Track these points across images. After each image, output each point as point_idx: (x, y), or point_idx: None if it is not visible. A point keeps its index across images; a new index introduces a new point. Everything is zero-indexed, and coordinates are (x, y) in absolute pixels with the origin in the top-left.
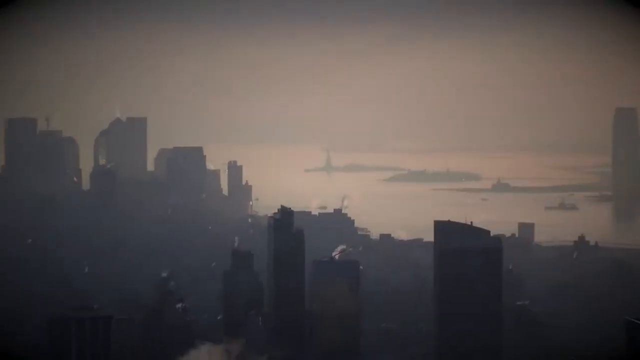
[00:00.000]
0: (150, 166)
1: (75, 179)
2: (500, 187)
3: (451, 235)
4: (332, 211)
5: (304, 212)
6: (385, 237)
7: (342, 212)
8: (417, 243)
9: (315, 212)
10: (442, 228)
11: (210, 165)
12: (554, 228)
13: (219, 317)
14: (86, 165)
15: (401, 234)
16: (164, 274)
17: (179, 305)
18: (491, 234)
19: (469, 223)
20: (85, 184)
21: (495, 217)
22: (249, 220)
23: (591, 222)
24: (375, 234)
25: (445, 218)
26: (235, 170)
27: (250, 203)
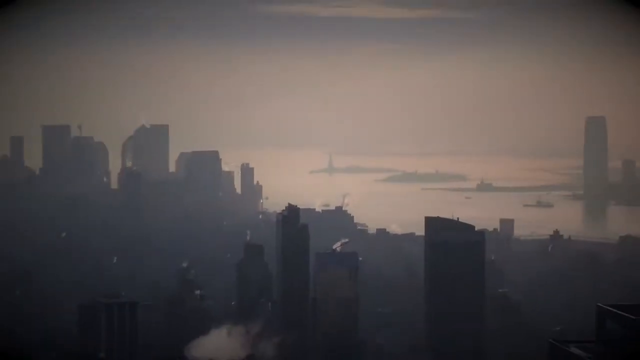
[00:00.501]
0: (172, 168)
1: (104, 179)
2: (484, 187)
3: (440, 229)
4: (333, 208)
5: (309, 209)
6: (381, 232)
7: (343, 209)
8: (409, 237)
9: (318, 209)
10: (432, 223)
11: (225, 167)
12: (532, 224)
13: (232, 303)
14: (114, 167)
15: (395, 229)
16: (184, 265)
17: (198, 292)
18: (475, 229)
19: (456, 219)
20: (114, 184)
21: (479, 213)
22: (260, 216)
23: (565, 219)
24: (372, 229)
25: (434, 214)
26: (247, 171)
27: (261, 201)
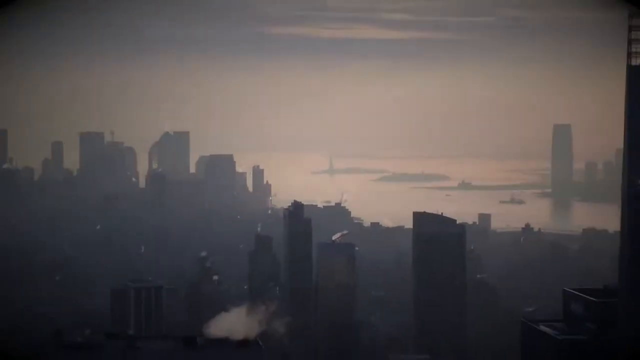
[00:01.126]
0: (192, 169)
1: (133, 179)
2: (464, 186)
3: (426, 223)
4: (333, 205)
5: (312, 205)
6: (375, 225)
7: (341, 205)
8: (399, 229)
9: (320, 205)
10: (419, 218)
11: (239, 169)
12: (506, 218)
13: (245, 287)
14: (142, 169)
15: (387, 222)
16: (203, 254)
17: (215, 277)
18: (457, 222)
19: (440, 214)
20: (141, 184)
21: (460, 209)
22: (269, 211)
23: (535, 213)
24: (367, 222)
25: (421, 210)
26: (258, 172)
27: (270, 198)
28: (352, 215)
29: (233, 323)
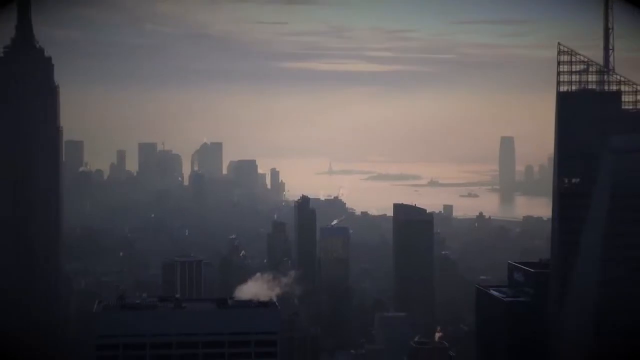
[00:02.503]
0: (224, 171)
1: (179, 179)
2: (433, 183)
3: (403, 212)
4: (332, 198)
5: (315, 198)
6: (364, 214)
7: (338, 198)
8: (383, 217)
9: (322, 198)
10: (398, 208)
11: (260, 171)
12: (464, 208)
13: (265, 261)
14: (186, 171)
15: (374, 211)
16: (232, 236)
17: (241, 253)
18: (427, 211)
19: (414, 205)
20: (185, 182)
21: (429, 201)
22: (283, 203)
23: (486, 205)
24: (358, 212)
25: (399, 202)
26: (274, 173)
27: (284, 193)
28: (346, 206)
29: (255, 289)
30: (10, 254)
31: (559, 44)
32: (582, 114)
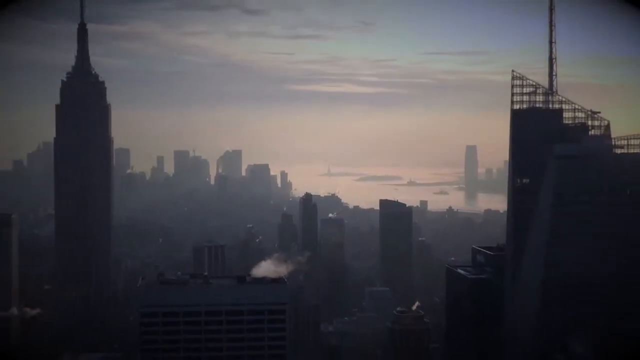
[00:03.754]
0: (243, 173)
1: (207, 179)
2: (411, 183)
3: (387, 206)
4: (330, 195)
5: (317, 195)
6: (356, 207)
7: (336, 195)
8: (371, 210)
9: (322, 195)
10: (383, 203)
11: (272, 173)
12: (436, 203)
13: (276, 245)
14: (212, 173)
15: (364, 205)
16: (249, 225)
17: (257, 239)
18: (406, 206)
19: (396, 200)
20: (212, 182)
21: (408, 197)
22: (290, 199)
23: (454, 200)
24: (351, 206)
25: (384, 198)
26: (284, 175)
27: (291, 191)
28: (342, 201)
29: (269, 268)
30: (72, 239)
31: (512, 71)
32: (531, 127)
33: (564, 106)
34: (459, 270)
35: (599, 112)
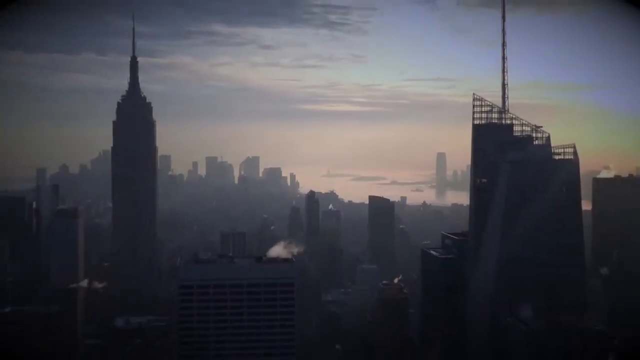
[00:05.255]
0: (261, 175)
1: (232, 180)
2: (393, 182)
3: (374, 201)
4: (330, 192)
5: (319, 192)
6: (350, 202)
7: (334, 192)
8: (362, 204)
9: (323, 192)
10: (371, 198)
11: (283, 174)
12: (414, 198)
13: (286, 233)
14: (236, 174)
15: (356, 200)
16: (265, 216)
17: (271, 227)
18: (390, 200)
19: (382, 196)
20: (236, 182)
21: (391, 194)
22: (298, 195)
23: (428, 196)
24: (346, 200)
25: (372, 194)
26: (292, 176)
27: (298, 189)
28: (339, 197)
29: (280, 250)
30: (125, 227)
31: (473, 94)
32: (488, 138)
33: (514, 122)
34: (431, 252)
35: (542, 127)
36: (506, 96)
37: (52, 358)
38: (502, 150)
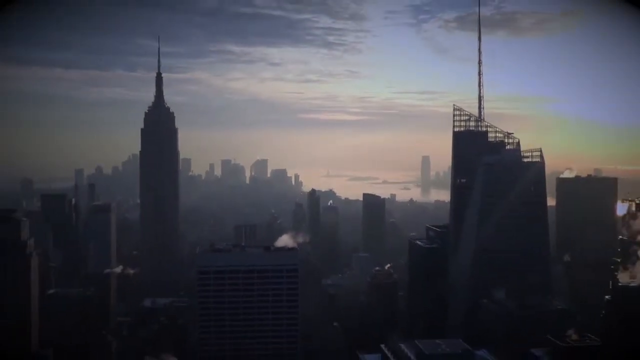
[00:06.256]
0: (269, 175)
1: (244, 180)
2: (385, 182)
3: (368, 198)
4: (329, 190)
5: (319, 190)
6: (347, 199)
7: (332, 190)
8: (357, 200)
9: (323, 190)
10: (365, 195)
11: (288, 175)
12: (402, 195)
13: (291, 225)
14: (247, 175)
15: (352, 197)
16: (273, 211)
17: (278, 221)
18: (381, 197)
19: (375, 194)
20: (247, 182)
21: (382, 192)
22: (301, 193)
23: (414, 194)
24: (343, 197)
25: (366, 192)
26: (297, 176)
27: (302, 187)
28: (337, 194)
29: (286, 240)
30: (152, 221)
31: (453, 105)
32: (466, 144)
33: (488, 129)
34: (417, 242)
35: (513, 133)
36: (482, 107)
37: (89, 333)
38: (478, 154)
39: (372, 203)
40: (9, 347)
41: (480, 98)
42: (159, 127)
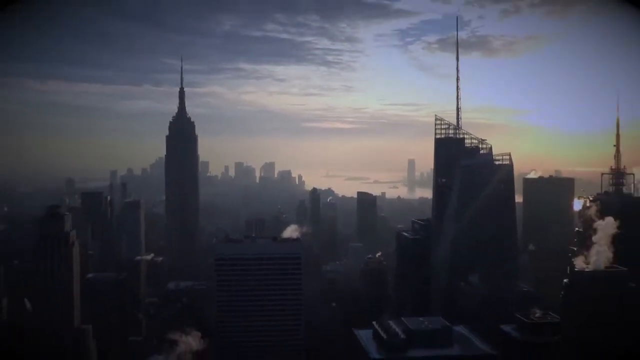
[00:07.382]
0: (276, 176)
1: (255, 180)
2: (376, 181)
3: (361, 195)
4: (328, 189)
5: (320, 189)
6: (343, 196)
7: (331, 189)
8: (352, 197)
9: (323, 188)
10: (359, 193)
11: (293, 175)
12: (391, 194)
13: (294, 219)
14: (257, 175)
15: (348, 195)
16: (279, 206)
17: (284, 215)
18: (373, 195)
19: (367, 192)
20: (257, 182)
21: (374, 190)
22: (304, 191)
23: (402, 192)
24: (340, 195)
25: (360, 190)
26: (300, 177)
27: (304, 187)
28: (335, 192)
29: (290, 232)
30: (175, 215)
31: (435, 115)
32: (446, 148)
33: (465, 136)
34: (404, 233)
35: (486, 140)
36: (459, 117)
37: (122, 312)
38: (456, 158)
39: (365, 200)
40: (56, 323)
41: (458, 109)
42: (182, 134)
